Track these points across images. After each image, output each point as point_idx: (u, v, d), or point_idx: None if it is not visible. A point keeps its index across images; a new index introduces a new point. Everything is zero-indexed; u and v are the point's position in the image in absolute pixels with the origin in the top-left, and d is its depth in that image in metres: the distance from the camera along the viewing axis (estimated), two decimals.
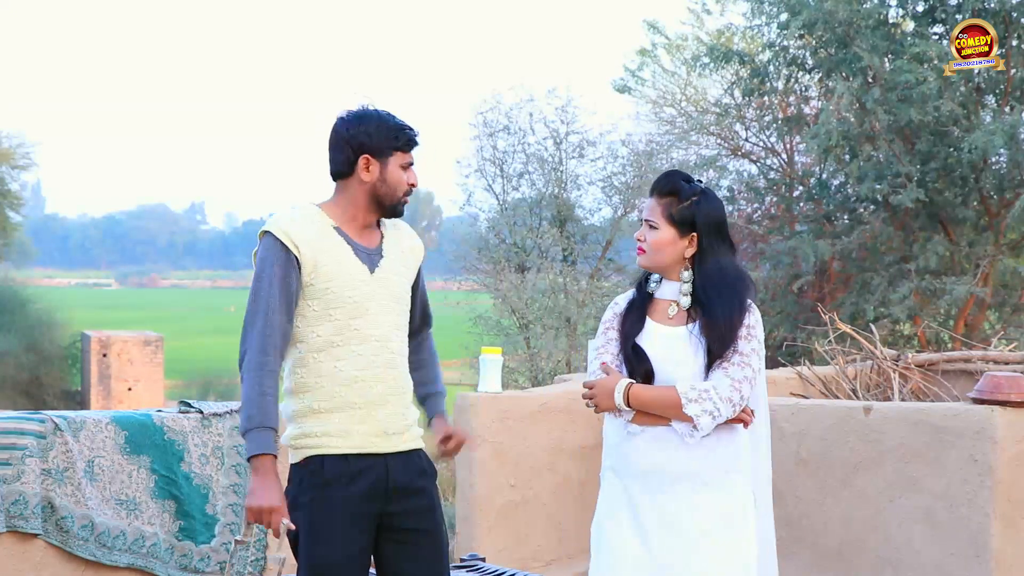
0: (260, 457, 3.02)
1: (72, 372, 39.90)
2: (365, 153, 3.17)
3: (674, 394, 3.09)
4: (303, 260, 3.12)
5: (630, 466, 3.19)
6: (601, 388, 3.17)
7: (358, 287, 3.16)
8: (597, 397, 3.18)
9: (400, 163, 3.21)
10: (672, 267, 3.21)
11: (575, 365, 15.49)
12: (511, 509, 5.43)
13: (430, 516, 3.24)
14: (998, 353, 6.79)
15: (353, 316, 3.15)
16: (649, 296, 3.26)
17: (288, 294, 3.11)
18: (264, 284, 3.10)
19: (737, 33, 16.68)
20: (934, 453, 4.67)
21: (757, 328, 3.17)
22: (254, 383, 3.05)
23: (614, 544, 3.19)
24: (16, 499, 4.12)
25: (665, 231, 3.18)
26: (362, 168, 3.18)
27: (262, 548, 4.69)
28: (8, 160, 34.39)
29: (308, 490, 3.12)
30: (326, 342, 3.14)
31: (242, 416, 3.07)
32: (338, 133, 3.21)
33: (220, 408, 4.74)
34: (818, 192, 14.61)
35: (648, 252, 3.21)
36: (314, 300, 3.14)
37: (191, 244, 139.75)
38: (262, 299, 3.09)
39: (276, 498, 3.01)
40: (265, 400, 3.05)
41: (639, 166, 17.23)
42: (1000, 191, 13.14)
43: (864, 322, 12.10)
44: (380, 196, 3.20)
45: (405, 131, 3.21)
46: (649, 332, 3.21)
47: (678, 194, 3.19)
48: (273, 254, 3.11)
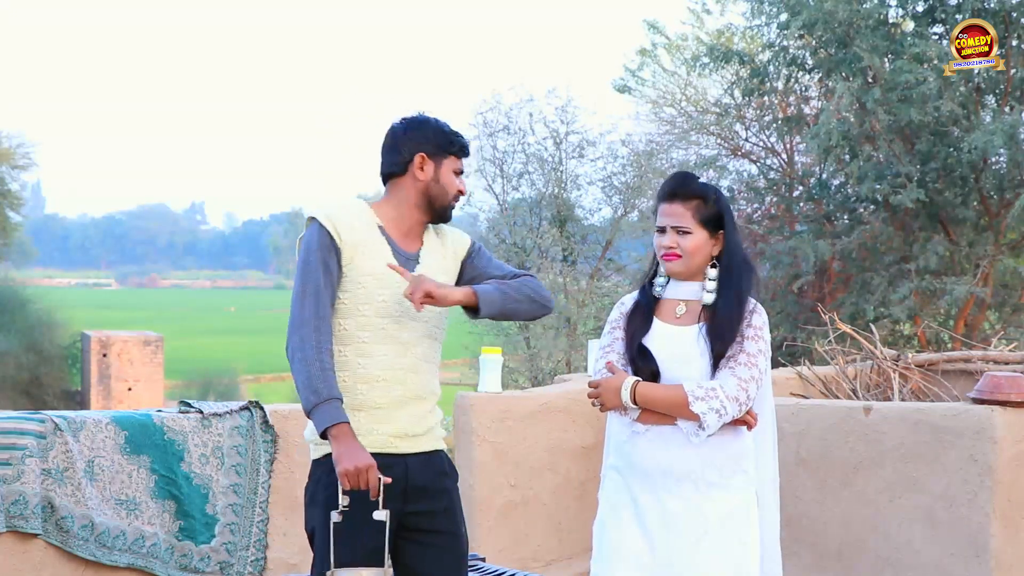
0: (334, 428, 3.01)
1: (72, 372, 39.95)
2: (421, 152, 3.23)
3: (681, 392, 3.10)
4: (343, 249, 3.15)
5: (633, 466, 3.19)
6: (607, 386, 3.17)
7: (391, 288, 3.17)
8: (603, 395, 3.18)
9: (453, 167, 3.27)
10: (700, 269, 3.22)
11: (575, 365, 15.49)
12: (511, 509, 5.43)
13: (450, 518, 3.25)
14: (998, 353, 6.79)
15: (382, 315, 3.16)
16: (655, 297, 3.26)
17: (331, 278, 3.14)
18: (311, 267, 3.12)
19: (737, 33, 16.69)
20: (934, 453, 4.67)
21: (764, 330, 3.18)
22: (313, 359, 3.06)
23: (616, 543, 3.19)
24: (16, 499, 4.12)
25: (699, 235, 3.19)
26: (417, 166, 3.23)
27: (262, 548, 4.69)
28: (8, 160, 34.41)
29: (327, 487, 3.12)
30: (352, 336, 3.16)
31: (305, 393, 3.05)
32: (395, 134, 3.27)
33: (220, 408, 4.74)
34: (818, 192, 14.61)
35: (685, 258, 3.19)
36: (345, 293, 3.16)
37: (191, 244, 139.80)
38: (311, 281, 3.12)
39: (365, 456, 2.99)
40: (327, 374, 3.05)
41: (639, 166, 17.23)
42: (1000, 191, 13.15)
43: (864, 322, 12.11)
44: (432, 197, 3.25)
45: (460, 138, 3.30)
46: (657, 332, 3.21)
47: (703, 196, 3.20)
48: (318, 239, 3.14)
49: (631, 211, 17.58)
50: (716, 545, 3.12)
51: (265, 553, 4.69)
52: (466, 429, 5.32)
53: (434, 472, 3.23)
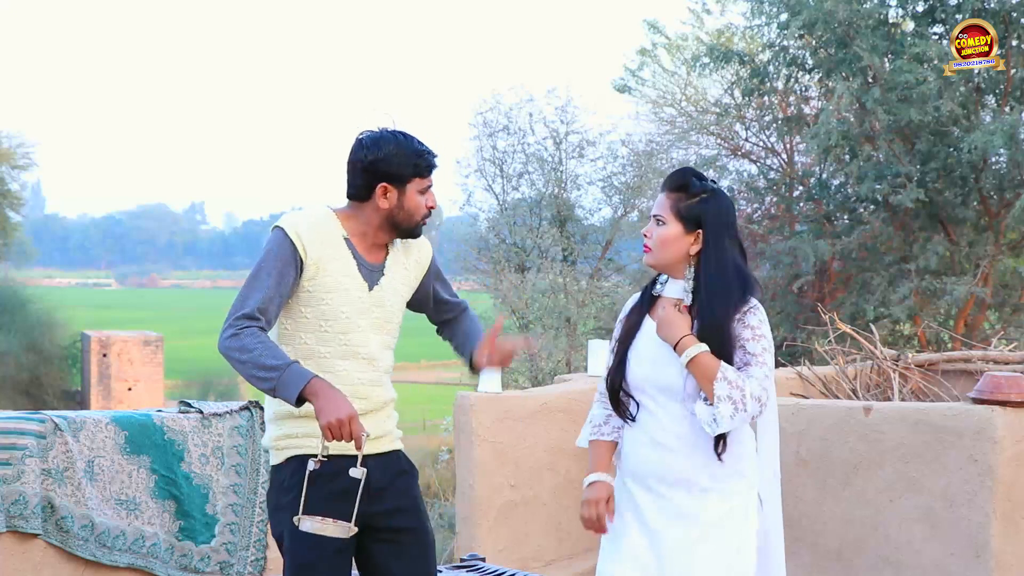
0: (307, 387, 2.92)
1: (72, 372, 39.92)
2: (383, 181, 3.10)
3: (718, 365, 3.03)
4: (307, 263, 3.09)
5: (636, 468, 3.19)
6: (672, 321, 3.11)
7: (354, 303, 3.13)
8: (667, 327, 3.11)
9: (418, 188, 3.15)
10: (677, 265, 3.17)
11: (575, 365, 15.49)
12: (511, 509, 5.43)
13: (414, 515, 3.23)
14: (998, 353, 6.78)
15: (344, 331, 3.12)
16: (654, 296, 3.24)
17: (283, 289, 3.07)
18: (263, 272, 3.05)
19: (737, 33, 16.69)
20: (934, 453, 4.67)
21: (763, 327, 3.13)
22: (255, 339, 2.97)
23: (620, 542, 3.19)
24: (16, 499, 4.12)
25: (672, 226, 3.14)
26: (379, 195, 3.12)
27: (262, 548, 4.69)
28: (8, 160, 34.40)
29: (289, 490, 3.10)
30: (311, 351, 3.12)
31: (261, 374, 2.93)
32: (356, 158, 3.13)
33: (220, 408, 4.74)
34: (818, 192, 14.62)
35: (653, 248, 3.16)
36: (307, 307, 3.12)
37: (191, 244, 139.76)
38: (260, 281, 3.04)
39: (346, 407, 2.90)
40: (272, 347, 2.96)
41: (639, 166, 17.24)
42: (1000, 191, 13.15)
43: (864, 322, 12.11)
44: (397, 221, 3.16)
45: (424, 156, 3.14)
46: (647, 331, 3.20)
47: (687, 190, 3.15)
48: (279, 248, 3.07)
49: (631, 211, 17.58)
50: (712, 548, 3.11)
51: (265, 553, 4.69)
52: (466, 429, 5.32)
53: (393, 471, 3.21)
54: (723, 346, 3.08)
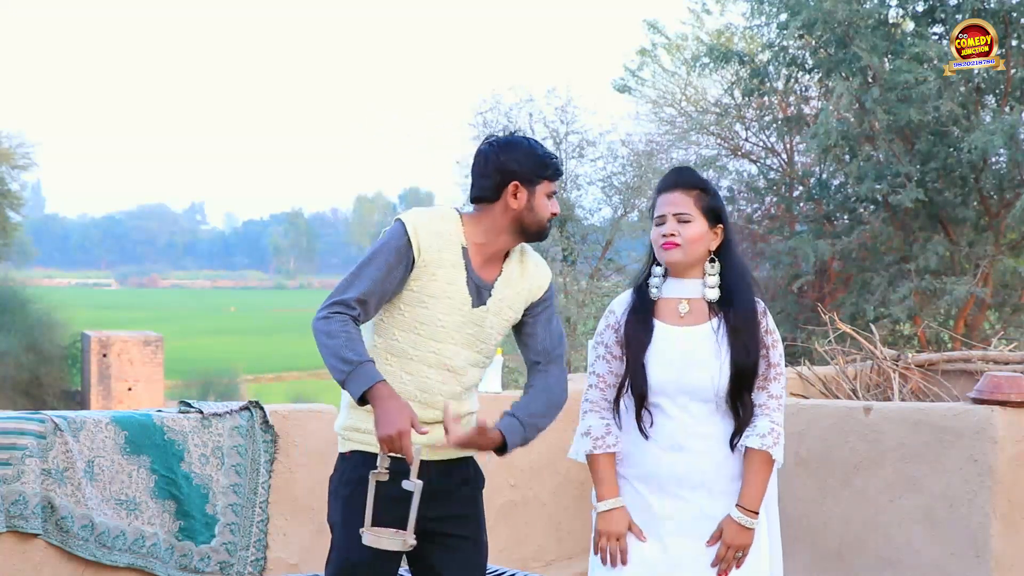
0: (371, 390, 2.93)
1: (72, 372, 39.92)
2: (515, 180, 3.13)
3: (768, 465, 3.11)
4: (417, 263, 3.08)
5: (648, 473, 3.16)
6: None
7: (453, 315, 3.12)
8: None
9: (546, 192, 3.17)
10: (700, 262, 3.15)
11: (575, 365, 15.49)
12: (511, 509, 5.43)
13: (472, 523, 3.24)
14: (998, 353, 6.79)
15: (437, 339, 3.11)
16: (652, 299, 3.18)
17: (388, 284, 3.06)
18: (373, 263, 3.05)
19: (737, 33, 16.71)
20: (934, 453, 4.67)
21: (776, 330, 3.17)
22: (342, 328, 2.97)
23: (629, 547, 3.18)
24: (16, 499, 4.12)
25: (699, 224, 3.12)
26: (510, 195, 3.13)
27: (262, 548, 4.69)
28: (8, 160, 34.42)
29: (348, 484, 3.11)
30: (401, 350, 3.11)
31: (335, 363, 2.95)
32: (487, 159, 3.16)
33: (220, 408, 4.74)
34: (818, 192, 14.63)
35: (684, 246, 3.11)
36: (407, 306, 3.11)
37: (191, 244, 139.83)
38: (369, 270, 3.04)
39: (402, 421, 2.89)
40: (354, 343, 2.96)
41: (639, 166, 17.23)
42: (1000, 191, 13.16)
43: (864, 322, 12.12)
44: (526, 224, 3.16)
45: (553, 160, 3.18)
46: (663, 336, 3.13)
47: (705, 187, 3.16)
48: (395, 241, 3.07)
49: (631, 211, 17.57)
50: None
51: (265, 553, 4.69)
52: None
53: (458, 479, 3.22)
54: (751, 340, 3.08)
